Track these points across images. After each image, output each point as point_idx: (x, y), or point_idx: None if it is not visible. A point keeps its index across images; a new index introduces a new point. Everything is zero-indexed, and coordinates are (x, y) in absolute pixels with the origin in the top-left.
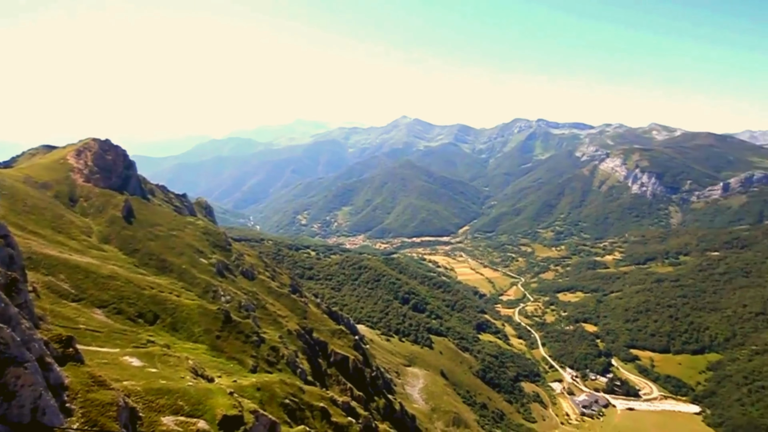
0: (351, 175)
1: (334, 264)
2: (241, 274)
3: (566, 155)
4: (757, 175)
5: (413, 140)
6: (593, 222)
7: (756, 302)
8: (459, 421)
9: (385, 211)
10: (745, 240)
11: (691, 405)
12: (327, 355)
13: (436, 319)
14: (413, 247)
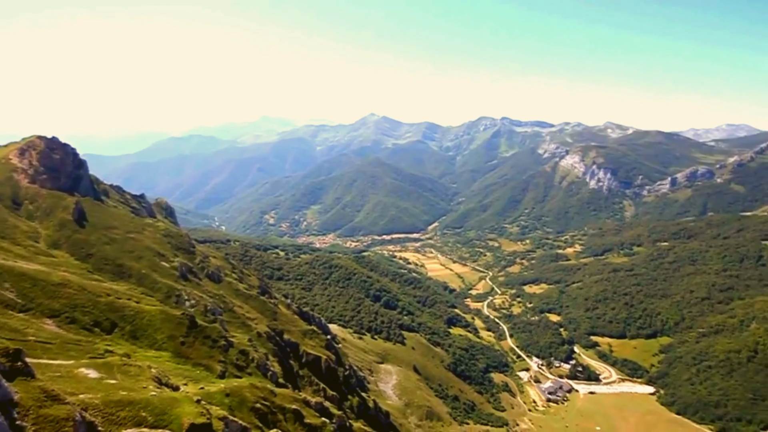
0: (319, 173)
1: (304, 264)
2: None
3: (529, 152)
4: (700, 170)
5: (382, 138)
6: (555, 216)
7: (701, 288)
8: (432, 415)
9: (354, 209)
10: (691, 231)
11: (646, 386)
12: (299, 356)
13: (407, 315)
14: (384, 245)
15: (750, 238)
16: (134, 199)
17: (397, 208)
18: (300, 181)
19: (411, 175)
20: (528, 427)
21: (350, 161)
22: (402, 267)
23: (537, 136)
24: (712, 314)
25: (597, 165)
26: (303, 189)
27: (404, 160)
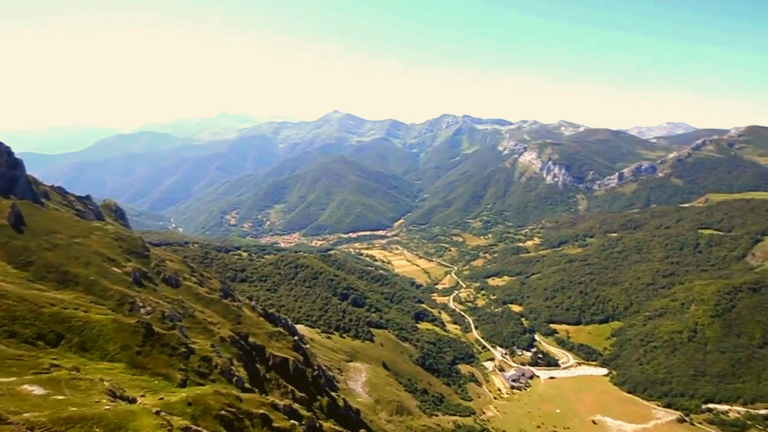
0: (282, 171)
1: (268, 264)
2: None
3: (490, 149)
4: (644, 165)
5: (345, 135)
6: (515, 211)
7: (647, 275)
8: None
9: (319, 207)
10: (637, 222)
11: (600, 368)
12: (265, 359)
13: (375, 312)
14: (350, 243)
15: (688, 227)
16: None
17: (362, 206)
18: (262, 180)
19: (376, 173)
20: (493, 415)
21: (314, 159)
22: (369, 264)
23: (497, 134)
24: (656, 298)
25: (552, 161)
26: (266, 188)
27: (369, 158)
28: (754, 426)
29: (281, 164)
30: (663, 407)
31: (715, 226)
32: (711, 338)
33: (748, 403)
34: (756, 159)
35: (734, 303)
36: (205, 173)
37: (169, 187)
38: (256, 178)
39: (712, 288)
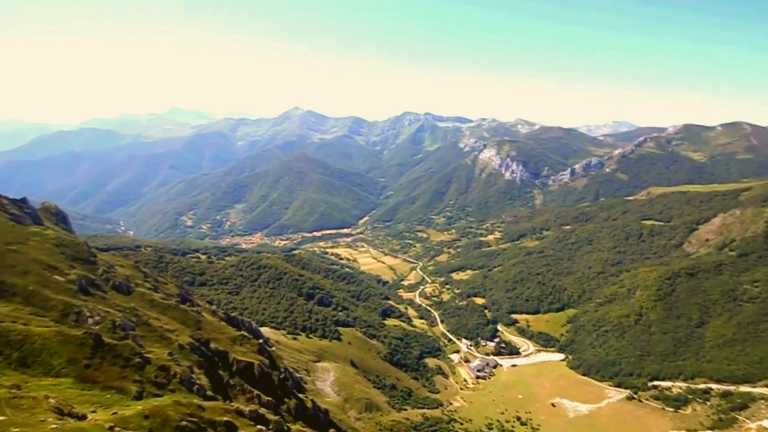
0: (242, 169)
1: (229, 266)
2: (113, 289)
3: (451, 146)
4: (593, 161)
5: (307, 132)
6: (477, 206)
7: (597, 264)
8: (371, 406)
9: (282, 206)
10: (588, 215)
11: (558, 354)
12: (229, 365)
13: (342, 311)
14: (315, 242)
15: (632, 218)
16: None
17: (326, 204)
18: (221, 179)
19: (339, 170)
20: (460, 405)
21: (275, 157)
22: (334, 263)
23: (458, 131)
24: (606, 286)
25: (511, 158)
26: (224, 187)
27: (332, 155)
28: (694, 400)
29: (241, 162)
30: (614, 387)
31: (656, 217)
32: (654, 320)
33: (688, 379)
34: (690, 155)
35: (674, 287)
36: (157, 172)
37: (117, 188)
38: (214, 177)
39: (654, 274)
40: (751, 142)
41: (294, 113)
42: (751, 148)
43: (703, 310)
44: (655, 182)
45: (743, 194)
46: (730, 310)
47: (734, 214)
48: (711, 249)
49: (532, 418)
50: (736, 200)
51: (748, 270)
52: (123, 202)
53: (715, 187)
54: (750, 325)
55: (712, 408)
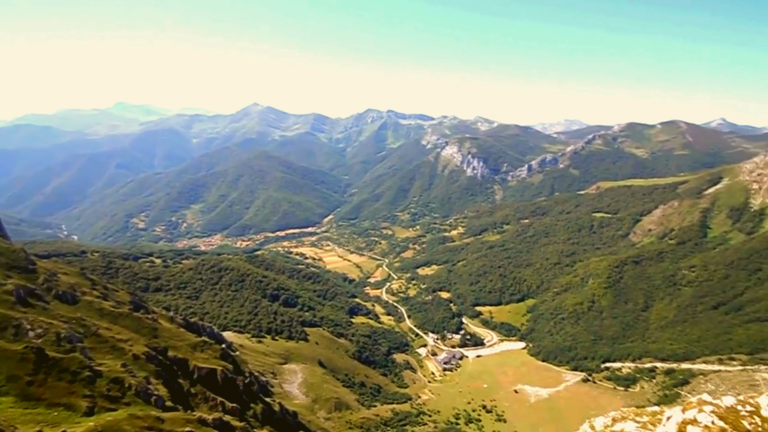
0: (198, 168)
1: (187, 270)
2: (57, 299)
3: (414, 144)
4: (548, 158)
5: (267, 129)
6: (440, 202)
7: (554, 255)
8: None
9: (243, 206)
10: (544, 209)
11: (519, 342)
12: (189, 373)
13: (308, 311)
14: (278, 242)
15: (584, 211)
16: None
17: (289, 203)
18: (175, 178)
19: (302, 168)
20: (428, 397)
21: (234, 155)
22: (299, 262)
23: (420, 129)
24: (562, 275)
25: (471, 155)
26: (180, 187)
27: (294, 153)
28: (641, 378)
29: (197, 161)
30: (571, 370)
31: (605, 209)
32: (605, 306)
33: (636, 359)
34: (634, 151)
35: (622, 275)
36: (103, 172)
37: (58, 189)
38: (168, 176)
39: (604, 263)
40: (686, 139)
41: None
42: (687, 144)
43: (647, 295)
44: (604, 177)
45: (680, 187)
46: (671, 294)
47: (673, 206)
48: (653, 238)
49: (497, 406)
50: (675, 193)
51: (685, 257)
52: (64, 204)
53: (656, 181)
54: (688, 307)
55: (658, 385)
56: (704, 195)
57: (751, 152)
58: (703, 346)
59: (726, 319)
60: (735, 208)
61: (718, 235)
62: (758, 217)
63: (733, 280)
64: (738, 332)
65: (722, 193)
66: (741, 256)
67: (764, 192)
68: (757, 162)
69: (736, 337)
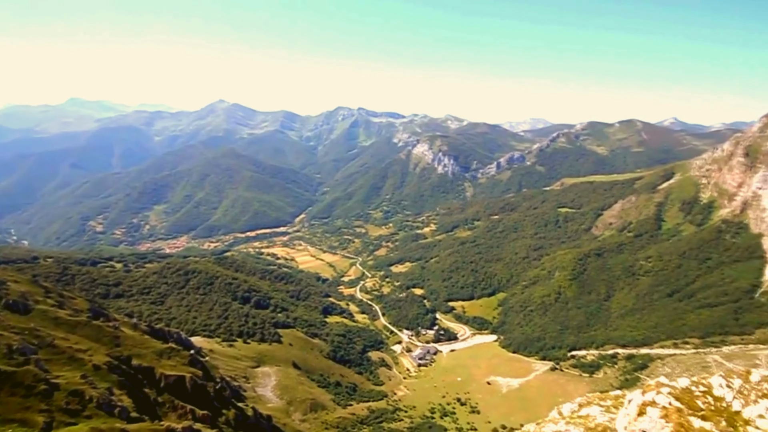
0: (161, 167)
1: (151, 274)
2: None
3: (386, 141)
4: (516, 155)
5: (235, 127)
6: (412, 200)
7: (522, 249)
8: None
9: (210, 206)
10: (513, 205)
11: (491, 335)
12: (156, 381)
13: (281, 312)
14: (248, 242)
15: (550, 207)
16: None
17: (260, 202)
18: (136, 178)
19: (272, 167)
20: (404, 393)
21: (200, 153)
22: (271, 263)
23: (391, 126)
24: (530, 269)
25: (442, 152)
26: (141, 187)
27: (263, 151)
28: (605, 364)
29: (159, 159)
30: (540, 360)
31: (569, 204)
32: (571, 297)
33: (599, 347)
34: (595, 149)
35: (585, 267)
36: (56, 172)
37: (4, 191)
38: (128, 176)
39: (569, 256)
40: (642, 137)
41: (219, 106)
42: (642, 142)
43: (609, 285)
44: (568, 173)
45: (637, 183)
46: (630, 284)
47: (631, 201)
48: (614, 231)
49: (471, 398)
50: (632, 188)
51: (642, 248)
52: (12, 207)
53: (615, 177)
54: (646, 295)
55: (620, 370)
56: (658, 190)
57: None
58: (660, 332)
59: (680, 305)
60: (686, 201)
61: (672, 227)
62: (707, 210)
63: (685, 269)
64: (690, 318)
65: (674, 188)
66: (692, 247)
67: (712, 186)
68: (705, 158)
69: (689, 322)
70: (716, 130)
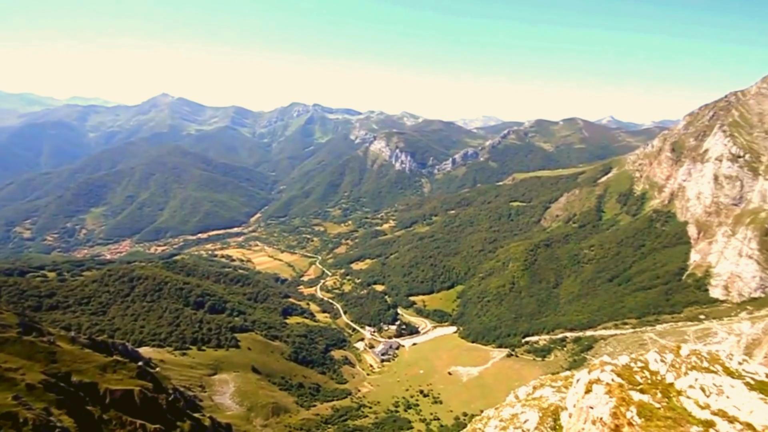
0: (98, 166)
1: (90, 282)
2: None
3: (342, 138)
4: (470, 151)
5: (181, 123)
6: (371, 197)
7: (478, 243)
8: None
9: (156, 207)
10: (468, 199)
11: (451, 327)
12: (100, 398)
13: (238, 315)
14: (200, 245)
15: (503, 201)
16: None
17: (211, 202)
18: (69, 178)
19: (224, 165)
20: (368, 390)
21: (142, 150)
22: (226, 265)
23: (348, 123)
24: (486, 261)
25: (399, 149)
26: (75, 188)
27: (213, 148)
28: (555, 348)
29: (95, 158)
30: (497, 348)
31: (520, 198)
32: (523, 287)
33: (550, 332)
34: (542, 145)
35: (536, 257)
36: None
37: None
38: (59, 176)
39: (521, 248)
40: (583, 135)
41: (162, 101)
42: (584, 139)
43: (557, 274)
44: (518, 169)
45: (580, 177)
46: (576, 272)
47: (574, 194)
48: (560, 223)
49: (433, 389)
50: (576, 182)
51: (586, 238)
52: None
53: (561, 172)
54: (590, 281)
55: (569, 352)
56: (598, 183)
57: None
58: (603, 315)
59: (619, 289)
60: (622, 193)
61: (611, 217)
62: (640, 201)
63: (623, 256)
64: (628, 300)
65: (612, 182)
66: (628, 235)
67: (644, 179)
68: (638, 154)
69: (627, 304)
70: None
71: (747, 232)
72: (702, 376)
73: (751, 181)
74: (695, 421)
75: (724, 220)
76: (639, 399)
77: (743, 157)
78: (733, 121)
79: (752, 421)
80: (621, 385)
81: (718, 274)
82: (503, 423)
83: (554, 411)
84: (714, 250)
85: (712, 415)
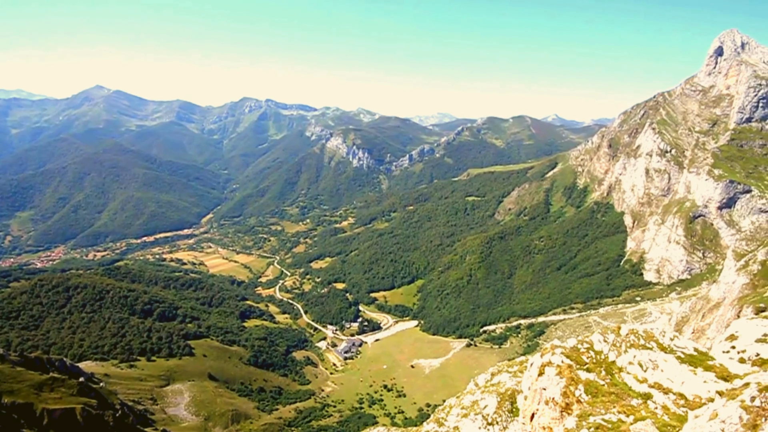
0: (23, 165)
1: (19, 294)
2: None
3: (298, 135)
4: (426, 148)
5: (120, 118)
6: (329, 194)
7: (437, 237)
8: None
9: (93, 210)
10: (426, 195)
11: (413, 321)
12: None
13: (191, 321)
14: (146, 248)
15: (459, 196)
16: None
17: (156, 203)
18: None
19: (169, 163)
20: (332, 389)
21: (75, 148)
22: (176, 270)
23: (303, 119)
24: (445, 255)
25: (357, 146)
26: None
27: (157, 145)
28: (511, 335)
29: (19, 156)
30: (457, 339)
31: (475, 193)
32: (480, 278)
33: (506, 320)
34: (494, 141)
35: (491, 249)
36: None
37: None
38: None
39: (477, 241)
40: (532, 132)
41: (97, 93)
42: (531, 135)
43: (511, 265)
44: (473, 164)
45: (529, 172)
46: (528, 262)
47: (525, 188)
48: (512, 216)
49: (397, 383)
50: (525, 177)
51: (536, 229)
52: None
53: (512, 167)
54: (540, 271)
55: (523, 338)
56: (546, 178)
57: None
58: (552, 301)
59: (566, 277)
60: (567, 187)
61: (557, 209)
62: (583, 194)
63: (569, 246)
64: (575, 287)
65: (558, 176)
66: (573, 226)
67: (586, 173)
68: (580, 150)
69: (573, 290)
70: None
71: (674, 220)
72: (639, 353)
73: (677, 173)
74: (635, 395)
75: (654, 209)
76: (586, 378)
77: (670, 152)
78: (661, 119)
79: (684, 391)
80: (570, 366)
81: (651, 259)
82: (464, 410)
83: (511, 395)
84: (647, 237)
85: (650, 387)
